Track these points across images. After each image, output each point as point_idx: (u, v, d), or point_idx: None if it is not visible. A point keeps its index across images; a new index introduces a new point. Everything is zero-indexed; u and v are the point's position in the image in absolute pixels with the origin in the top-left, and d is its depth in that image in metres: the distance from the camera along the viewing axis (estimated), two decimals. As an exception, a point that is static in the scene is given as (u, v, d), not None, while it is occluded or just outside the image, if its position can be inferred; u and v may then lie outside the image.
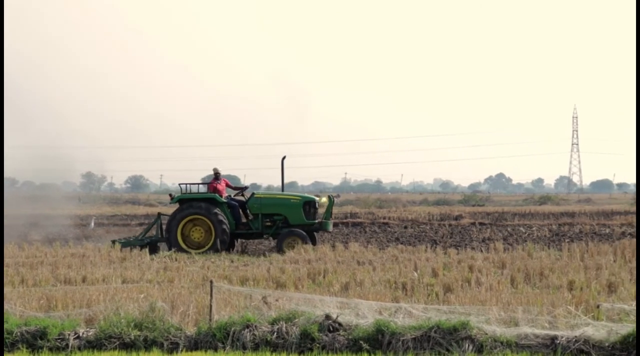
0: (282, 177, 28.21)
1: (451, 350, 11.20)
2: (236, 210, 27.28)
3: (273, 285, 17.10)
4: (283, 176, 28.19)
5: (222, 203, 27.02)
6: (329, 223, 27.54)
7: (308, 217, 27.24)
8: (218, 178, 27.65)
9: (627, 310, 12.70)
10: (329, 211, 27.84)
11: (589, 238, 30.51)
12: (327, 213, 27.72)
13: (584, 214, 49.11)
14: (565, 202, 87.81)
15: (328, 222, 27.50)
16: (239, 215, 27.32)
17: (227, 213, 26.93)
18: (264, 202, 27.45)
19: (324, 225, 27.34)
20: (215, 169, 27.71)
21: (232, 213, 27.16)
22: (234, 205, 27.34)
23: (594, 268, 18.82)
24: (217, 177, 27.67)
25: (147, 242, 27.37)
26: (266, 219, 27.34)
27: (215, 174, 27.74)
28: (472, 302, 13.87)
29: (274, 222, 27.27)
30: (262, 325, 11.94)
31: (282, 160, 27.90)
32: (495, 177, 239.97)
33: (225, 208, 27.03)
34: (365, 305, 12.74)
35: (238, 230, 27.23)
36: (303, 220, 27.06)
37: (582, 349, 10.95)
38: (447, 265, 19.83)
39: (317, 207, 27.80)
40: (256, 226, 27.23)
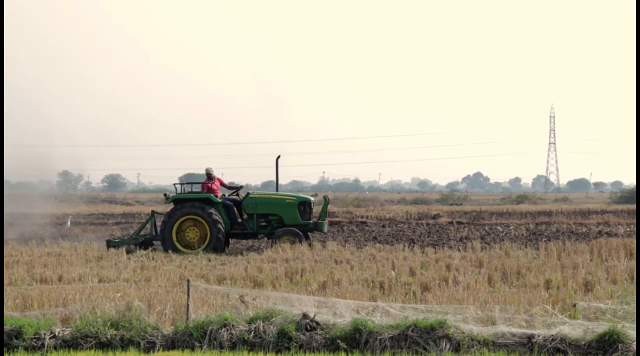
0: (277, 176, 28.17)
1: (428, 349, 11.21)
2: (231, 210, 27.19)
3: (250, 284, 17.06)
4: (277, 176, 28.16)
5: (217, 203, 26.92)
6: (324, 224, 27.55)
7: (303, 217, 27.21)
8: (211, 178, 27.54)
9: (603, 309, 12.76)
10: (324, 211, 27.86)
11: (566, 237, 30.64)
12: (323, 213, 27.74)
13: (561, 213, 49.37)
14: (543, 201, 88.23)
15: (323, 222, 27.52)
16: (234, 215, 27.22)
17: (222, 213, 26.85)
18: (259, 201, 27.34)
19: (319, 225, 27.36)
20: (208, 169, 27.55)
21: (227, 213, 27.06)
22: (229, 205, 27.25)
23: (571, 267, 18.89)
24: (210, 177, 27.53)
25: (142, 240, 27.27)
26: (261, 219, 27.23)
27: (207, 175, 27.57)
28: (449, 301, 13.89)
29: (269, 222, 27.18)
30: (240, 324, 11.91)
31: (276, 160, 27.87)
32: (473, 176, 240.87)
33: (221, 208, 26.93)
34: (343, 304, 12.73)
35: (233, 230, 27.13)
36: (298, 220, 27.01)
37: (558, 348, 10.98)
38: (424, 264, 19.84)
39: (312, 207, 27.80)
40: (251, 226, 27.13)
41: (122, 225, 41.50)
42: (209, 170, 27.56)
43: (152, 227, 27.86)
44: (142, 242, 27.15)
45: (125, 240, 27.47)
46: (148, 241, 27.35)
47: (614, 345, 10.82)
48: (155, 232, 27.69)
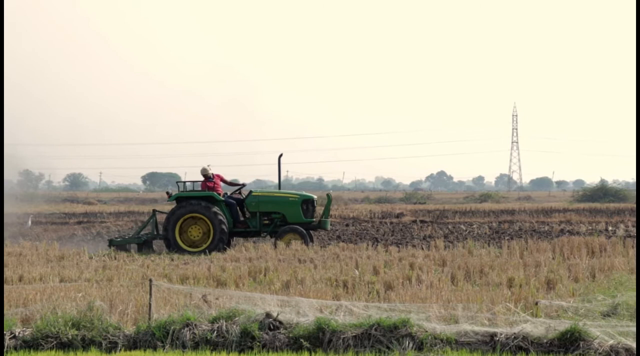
0: (279, 175, 28.19)
1: (391, 348, 11.20)
2: (234, 209, 27.10)
3: (214, 283, 16.99)
4: (280, 174, 28.16)
5: (220, 202, 26.82)
6: (327, 222, 27.53)
7: (306, 215, 27.17)
8: (209, 178, 27.33)
9: (565, 307, 12.84)
10: (328, 209, 27.82)
11: (529, 235, 30.82)
12: (326, 211, 27.69)
13: (523, 212, 49.65)
14: (506, 199, 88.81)
15: (326, 220, 27.49)
16: (237, 213, 27.14)
17: (225, 212, 26.76)
18: (262, 200, 27.27)
19: (322, 223, 27.31)
20: (203, 170, 27.26)
21: (230, 211, 26.97)
22: (231, 203, 27.15)
23: (533, 266, 19.00)
24: (207, 178, 27.29)
25: (144, 239, 27.11)
26: (264, 217, 27.19)
27: (204, 175, 27.28)
28: (412, 300, 13.91)
29: (272, 220, 27.13)
30: (202, 324, 11.84)
31: (278, 158, 27.92)
32: (436, 175, 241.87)
33: (223, 206, 26.84)
34: (306, 303, 12.69)
35: (236, 229, 27.04)
36: (301, 219, 26.95)
37: (520, 346, 11.02)
38: (388, 263, 19.86)
39: (315, 205, 27.77)
40: (254, 224, 27.08)
41: (84, 224, 41.19)
42: (204, 170, 27.28)
43: (154, 226, 27.73)
44: (144, 241, 27.01)
45: (127, 239, 27.33)
46: (149, 240, 27.21)
47: (575, 343, 10.88)
48: (156, 231, 27.56)
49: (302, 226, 26.67)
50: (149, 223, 28.14)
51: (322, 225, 27.32)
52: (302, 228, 26.45)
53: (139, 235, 27.56)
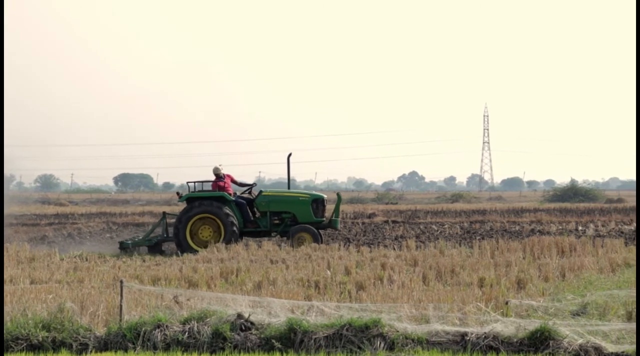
0: (288, 174, 28.19)
1: (363, 348, 11.23)
2: (244, 208, 27.12)
3: (185, 284, 16.96)
4: (289, 174, 28.16)
5: (230, 201, 26.83)
6: (337, 221, 27.62)
7: (317, 214, 27.23)
8: (220, 177, 27.31)
9: (535, 306, 12.92)
10: (338, 209, 27.86)
11: (500, 235, 30.97)
12: (336, 211, 27.72)
13: (494, 212, 49.91)
14: (477, 199, 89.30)
15: (337, 219, 27.57)
16: (247, 213, 27.16)
17: (236, 212, 26.76)
18: (272, 199, 27.34)
19: (333, 222, 27.39)
20: (216, 169, 27.31)
21: (241, 211, 27.01)
22: (242, 203, 27.18)
23: (504, 265, 19.10)
24: (219, 177, 27.31)
25: (155, 241, 27.08)
26: (274, 217, 27.25)
27: (216, 174, 27.32)
28: (384, 300, 13.95)
29: (282, 220, 27.20)
30: (174, 325, 11.82)
31: (287, 158, 27.97)
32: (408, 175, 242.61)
33: (234, 206, 26.85)
34: (278, 303, 12.70)
35: (246, 228, 27.08)
36: (312, 218, 27.03)
37: (491, 345, 11.07)
38: (359, 263, 19.91)
39: (325, 204, 27.81)
40: (264, 224, 27.15)
41: (55, 225, 40.95)
42: (216, 169, 27.33)
43: (164, 228, 27.66)
44: (155, 243, 26.98)
45: (137, 241, 27.27)
46: (160, 242, 27.15)
47: (545, 342, 10.95)
48: (166, 234, 27.50)
49: (313, 225, 26.74)
50: (159, 225, 28.13)
51: (333, 225, 27.44)
52: (312, 227, 26.53)
53: (149, 237, 27.50)
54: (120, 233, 37.78)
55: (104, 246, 30.05)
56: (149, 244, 26.86)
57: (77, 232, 37.33)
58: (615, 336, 11.19)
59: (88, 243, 31.88)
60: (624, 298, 13.35)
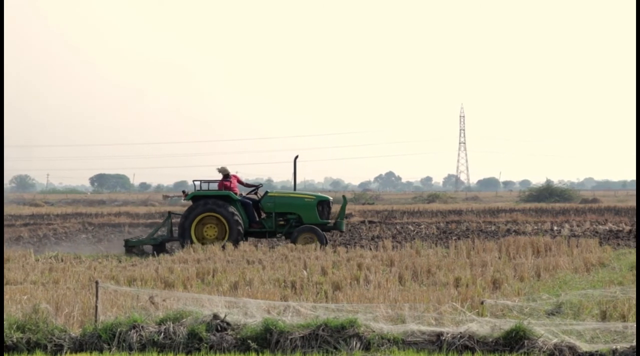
0: (295, 176, 28.21)
1: (339, 348, 11.24)
2: (250, 209, 27.11)
3: (161, 285, 16.92)
4: (295, 175, 28.18)
5: (236, 201, 26.78)
6: (342, 223, 27.61)
7: (322, 216, 27.23)
8: (227, 177, 27.26)
9: (510, 306, 12.98)
10: (343, 211, 27.84)
11: (475, 235, 31.07)
12: (342, 212, 27.69)
13: (470, 212, 50.07)
14: (453, 200, 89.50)
15: (342, 221, 27.56)
16: (252, 213, 27.14)
17: (241, 212, 26.71)
18: (278, 200, 27.31)
19: (338, 224, 27.39)
20: (224, 169, 27.28)
21: (246, 211, 26.99)
22: (247, 203, 27.17)
23: (480, 265, 19.16)
24: (226, 176, 27.26)
25: (160, 241, 27.03)
26: (280, 218, 27.23)
27: (224, 174, 27.28)
28: (360, 300, 13.97)
29: (287, 221, 27.17)
30: (149, 326, 11.79)
31: (294, 160, 27.93)
32: (385, 176, 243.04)
33: (239, 206, 26.81)
34: (254, 304, 12.70)
35: (251, 229, 27.07)
36: (317, 220, 27.01)
37: (466, 345, 11.11)
38: (336, 264, 19.92)
39: (330, 206, 27.82)
40: (269, 225, 27.13)
41: (30, 226, 40.73)
42: (224, 169, 27.31)
43: (169, 228, 27.60)
44: (160, 242, 26.91)
45: (142, 240, 27.25)
46: (165, 242, 27.12)
47: (520, 342, 11.00)
48: (171, 233, 27.45)
49: (318, 227, 26.73)
50: (164, 225, 28.08)
51: (338, 226, 27.47)
52: (317, 228, 26.54)
53: (154, 236, 27.46)
54: (96, 233, 37.62)
55: (79, 247, 29.92)
56: (154, 243, 26.79)
57: (53, 233, 37.18)
58: (589, 335, 11.25)
59: (64, 244, 31.75)
60: (598, 298, 13.44)
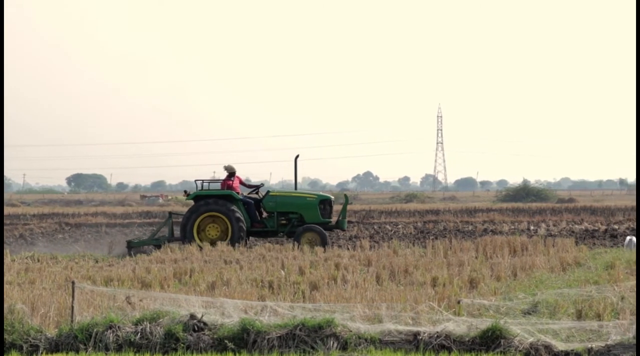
0: (295, 175, 28.14)
1: (316, 348, 11.25)
2: (252, 208, 27.06)
3: (138, 285, 16.86)
4: (296, 175, 28.12)
5: (238, 200, 26.75)
6: (344, 222, 27.59)
7: (324, 215, 27.19)
8: (232, 176, 27.20)
9: (486, 305, 13.02)
10: (345, 210, 27.82)
11: (453, 235, 31.17)
12: (343, 211, 27.67)
13: (448, 212, 50.19)
14: (431, 199, 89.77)
15: (344, 220, 27.52)
16: (254, 213, 27.09)
17: (243, 211, 26.66)
18: (280, 200, 27.25)
19: (340, 223, 27.36)
20: (230, 167, 27.21)
21: (248, 211, 26.94)
22: (249, 202, 27.12)
23: (457, 265, 19.22)
24: (231, 175, 27.21)
25: (163, 241, 26.92)
26: (281, 217, 27.18)
27: (230, 173, 27.23)
28: (337, 300, 13.97)
29: (289, 221, 27.13)
30: (126, 326, 11.75)
31: (295, 159, 27.88)
32: (362, 176, 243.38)
33: (242, 205, 26.76)
34: (231, 304, 12.68)
35: (253, 228, 27.01)
36: (319, 219, 26.96)
37: (443, 344, 11.14)
38: (313, 263, 19.93)
39: (332, 205, 27.82)
40: (271, 224, 27.07)
41: (6, 226, 40.43)
42: (230, 167, 27.24)
43: (170, 228, 27.54)
44: (162, 243, 26.78)
45: (144, 241, 27.21)
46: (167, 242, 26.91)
47: (496, 341, 11.04)
48: (172, 234, 27.40)
49: (320, 226, 26.70)
50: (165, 225, 28.01)
51: (340, 225, 27.44)
52: (319, 227, 26.51)
53: (156, 237, 27.40)
54: (72, 233, 37.46)
55: (56, 247, 29.78)
56: (156, 243, 26.72)
57: (29, 233, 36.99)
58: (565, 334, 11.31)
59: (40, 244, 31.59)
60: (574, 297, 13.50)
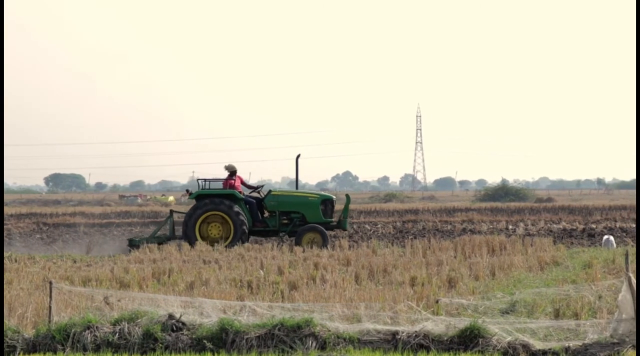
0: (297, 175, 28.18)
1: (295, 348, 11.25)
2: (254, 208, 27.05)
3: (117, 285, 16.80)
4: (297, 174, 28.14)
5: (240, 200, 26.73)
6: (347, 222, 27.63)
7: (326, 215, 27.20)
8: (233, 176, 27.13)
9: (465, 305, 13.05)
10: (347, 209, 27.83)
11: (432, 234, 31.24)
12: (345, 212, 27.67)
13: (427, 211, 50.28)
14: (410, 199, 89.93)
15: (346, 220, 27.57)
16: (256, 212, 27.09)
17: (245, 210, 26.60)
18: (282, 199, 27.28)
19: (342, 223, 27.37)
20: (231, 167, 27.21)
21: (250, 210, 26.92)
22: (251, 202, 27.10)
23: (435, 264, 19.26)
24: (232, 174, 27.17)
25: (164, 239, 26.93)
26: (283, 217, 27.18)
27: (231, 172, 27.21)
28: (316, 299, 13.98)
29: (291, 220, 27.11)
30: (104, 326, 11.71)
31: (296, 159, 27.90)
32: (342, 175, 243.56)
33: (243, 205, 26.72)
34: (210, 303, 12.66)
35: (255, 228, 27.01)
36: (321, 219, 26.97)
37: (422, 343, 11.16)
38: (292, 263, 19.93)
39: (334, 205, 27.81)
40: (273, 224, 27.06)
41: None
42: (231, 167, 27.24)
43: (171, 227, 27.49)
44: (163, 241, 26.78)
45: (145, 239, 27.10)
46: (168, 241, 26.99)
47: (474, 340, 11.07)
48: (173, 232, 27.36)
49: (322, 226, 26.70)
50: (166, 223, 28.00)
51: (342, 225, 27.45)
52: (321, 227, 26.49)
53: (157, 235, 27.36)
54: (50, 234, 37.29)
55: (34, 247, 29.65)
56: (158, 242, 26.67)
57: (7, 233, 36.78)
58: (542, 333, 11.36)
59: (17, 244, 31.44)
60: (551, 296, 13.56)
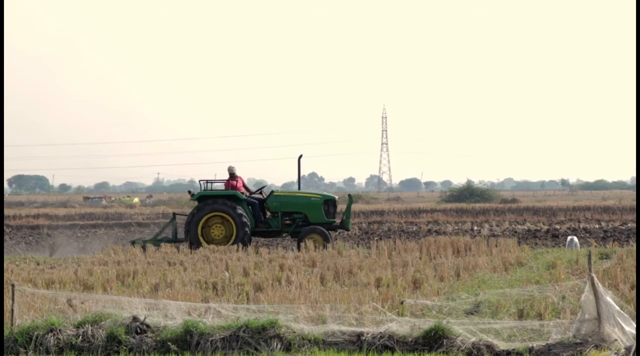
0: (299, 176, 28.13)
1: (260, 349, 11.24)
2: (256, 208, 26.97)
3: (80, 287, 16.69)
4: (299, 175, 28.09)
5: (243, 201, 26.60)
6: (349, 222, 27.60)
7: (328, 215, 27.13)
8: (234, 177, 26.96)
9: (429, 306, 13.10)
10: (349, 210, 27.77)
11: (397, 235, 31.31)
12: (347, 212, 27.63)
13: (393, 212, 50.46)
14: (376, 200, 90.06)
15: (348, 220, 27.55)
16: (258, 213, 26.99)
17: (248, 211, 26.50)
18: (284, 200, 27.19)
19: (345, 223, 27.36)
20: (231, 168, 27.09)
21: (252, 211, 26.83)
22: (253, 202, 27.02)
23: (401, 265, 19.30)
24: (233, 176, 27.02)
25: (166, 241, 26.73)
26: (286, 217, 27.05)
27: (230, 174, 27.07)
28: (281, 301, 13.96)
29: (293, 221, 26.99)
30: (67, 329, 11.63)
31: (298, 159, 27.79)
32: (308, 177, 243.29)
33: (246, 205, 26.60)
34: (174, 305, 12.61)
35: (257, 228, 26.88)
36: (323, 219, 26.91)
37: (386, 344, 11.19)
38: (258, 265, 19.90)
39: (336, 205, 27.74)
40: (275, 224, 26.96)
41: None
42: (231, 168, 27.13)
43: (173, 229, 27.35)
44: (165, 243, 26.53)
45: (147, 240, 27.06)
46: (170, 242, 26.79)
47: (439, 341, 11.12)
48: (176, 234, 27.24)
49: (324, 226, 26.67)
50: (169, 225, 27.87)
51: (344, 225, 27.48)
52: (323, 228, 26.46)
53: (159, 237, 27.25)
54: (14, 235, 36.96)
55: None
56: (160, 243, 26.51)
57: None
58: (506, 334, 11.42)
59: None
60: (515, 297, 13.64)
